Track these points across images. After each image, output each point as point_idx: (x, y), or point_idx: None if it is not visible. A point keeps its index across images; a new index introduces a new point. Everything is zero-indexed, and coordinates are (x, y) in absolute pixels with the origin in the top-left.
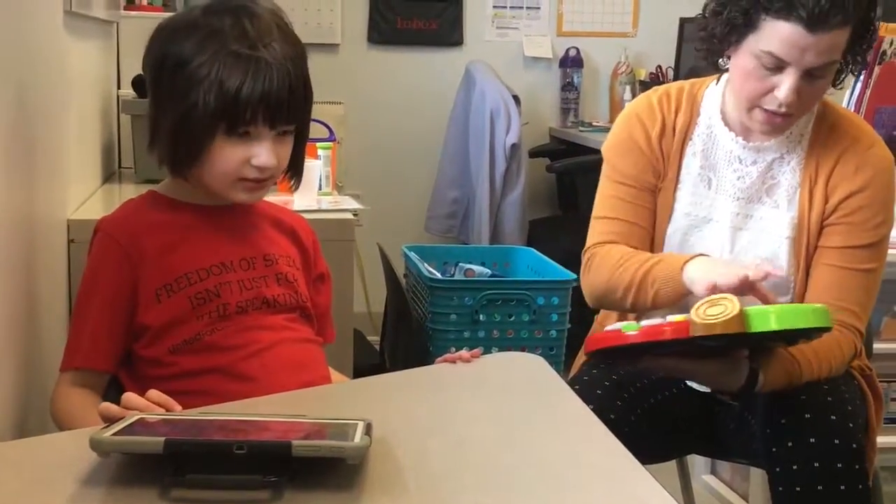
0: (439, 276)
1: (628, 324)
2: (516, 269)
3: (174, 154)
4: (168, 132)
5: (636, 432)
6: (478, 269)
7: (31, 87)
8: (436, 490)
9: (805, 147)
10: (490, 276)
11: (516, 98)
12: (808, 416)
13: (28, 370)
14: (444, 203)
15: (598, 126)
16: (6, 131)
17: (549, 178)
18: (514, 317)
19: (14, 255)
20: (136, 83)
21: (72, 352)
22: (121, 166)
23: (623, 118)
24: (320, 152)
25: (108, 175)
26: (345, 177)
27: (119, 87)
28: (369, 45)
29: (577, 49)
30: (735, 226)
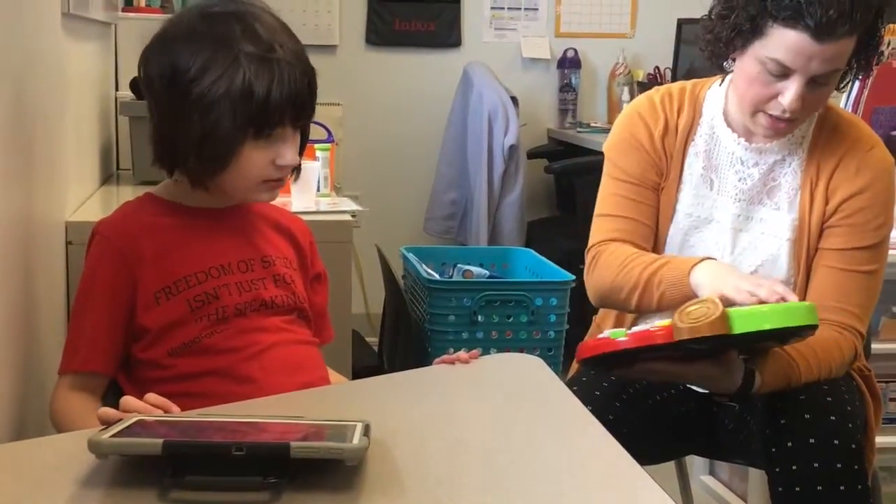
0: (438, 277)
1: (616, 331)
2: (515, 270)
3: (202, 167)
4: (193, 146)
5: (635, 433)
6: (476, 270)
7: (29, 89)
8: (434, 491)
9: (806, 149)
10: (488, 277)
11: (514, 99)
12: (808, 417)
13: (26, 372)
14: (443, 204)
15: (596, 127)
16: (4, 133)
17: (548, 179)
18: (513, 318)
19: (12, 256)
20: (135, 85)
21: (70, 355)
22: (119, 168)
23: (625, 117)
24: (318, 154)
25: (107, 177)
26: (343, 178)
27: (117, 89)
28: (367, 47)
29: (575, 50)
30: (736, 227)
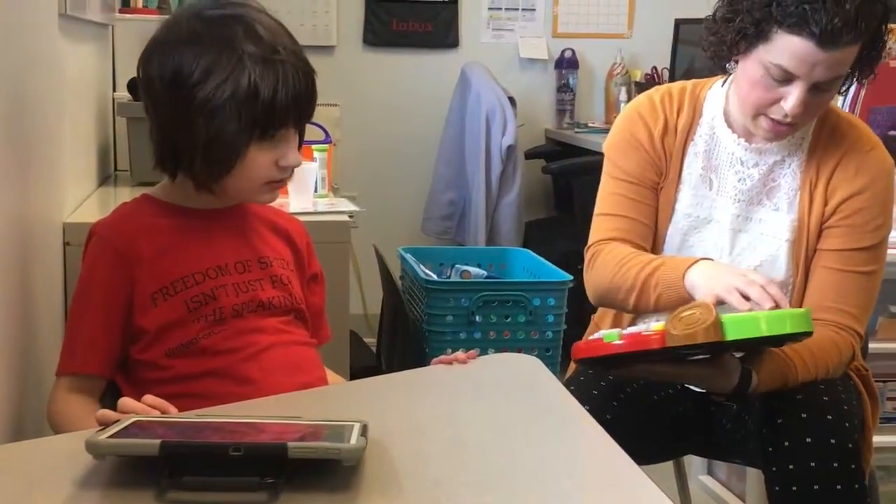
0: (435, 277)
1: (609, 333)
2: (512, 271)
3: (207, 170)
4: (198, 149)
5: (632, 433)
6: (474, 270)
7: (27, 91)
8: (432, 491)
9: (806, 150)
10: (486, 277)
11: (512, 100)
12: (805, 416)
13: (24, 373)
14: (441, 205)
15: (593, 127)
16: (1, 134)
17: (545, 180)
18: (511, 318)
19: (9, 257)
20: (132, 86)
21: (68, 356)
22: (116, 169)
23: (625, 116)
24: (316, 154)
25: (104, 178)
26: (340, 179)
27: (114, 90)
28: (365, 47)
29: (573, 50)
30: (735, 228)
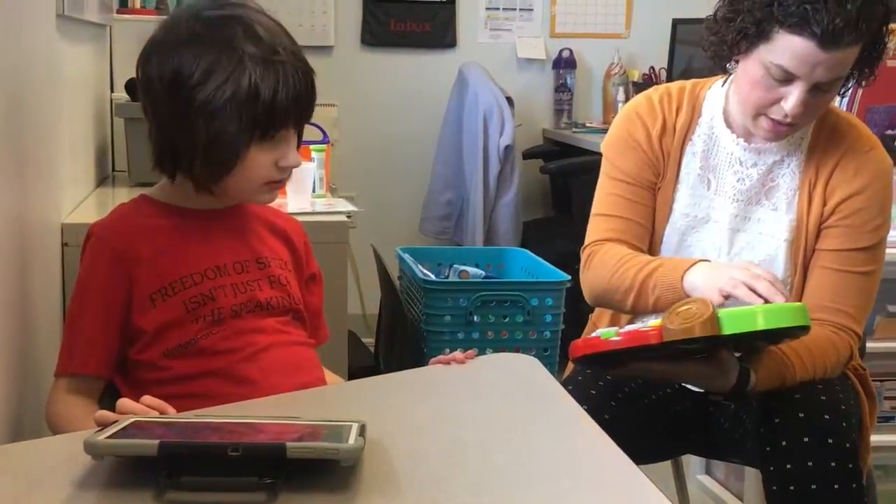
0: (433, 277)
1: (607, 330)
2: (510, 271)
3: (208, 171)
4: (198, 151)
5: (630, 432)
6: (472, 270)
7: (24, 91)
8: (430, 491)
9: (805, 150)
10: (484, 277)
11: (510, 100)
12: (802, 416)
13: (22, 374)
14: (438, 205)
15: (591, 127)
16: None
17: (543, 180)
18: (508, 318)
19: (8, 258)
20: (130, 87)
21: (67, 357)
22: (114, 169)
23: (623, 116)
24: (314, 155)
25: (102, 178)
26: (338, 179)
27: (112, 91)
28: (363, 47)
29: (571, 50)
30: (733, 227)
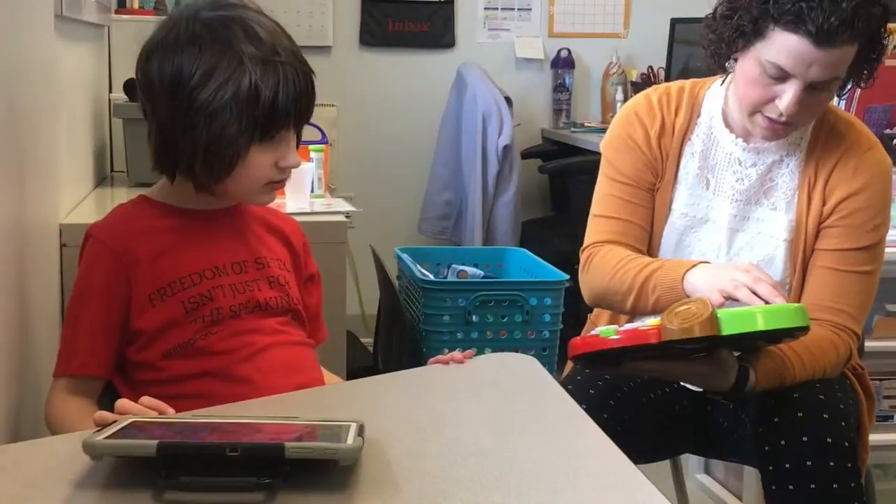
0: (432, 277)
1: (606, 329)
2: (509, 270)
3: (208, 172)
4: (198, 151)
5: (629, 432)
6: (471, 270)
7: (23, 92)
8: (428, 491)
9: (804, 150)
10: (483, 277)
11: (508, 99)
12: (801, 415)
13: (21, 375)
14: (437, 205)
15: (590, 126)
16: None
17: (542, 180)
18: (507, 318)
19: (6, 259)
20: (128, 87)
21: (65, 358)
22: (113, 170)
23: (622, 116)
24: (312, 155)
25: (101, 179)
26: (337, 179)
27: (111, 91)
28: (361, 48)
29: (569, 50)
30: (732, 227)
